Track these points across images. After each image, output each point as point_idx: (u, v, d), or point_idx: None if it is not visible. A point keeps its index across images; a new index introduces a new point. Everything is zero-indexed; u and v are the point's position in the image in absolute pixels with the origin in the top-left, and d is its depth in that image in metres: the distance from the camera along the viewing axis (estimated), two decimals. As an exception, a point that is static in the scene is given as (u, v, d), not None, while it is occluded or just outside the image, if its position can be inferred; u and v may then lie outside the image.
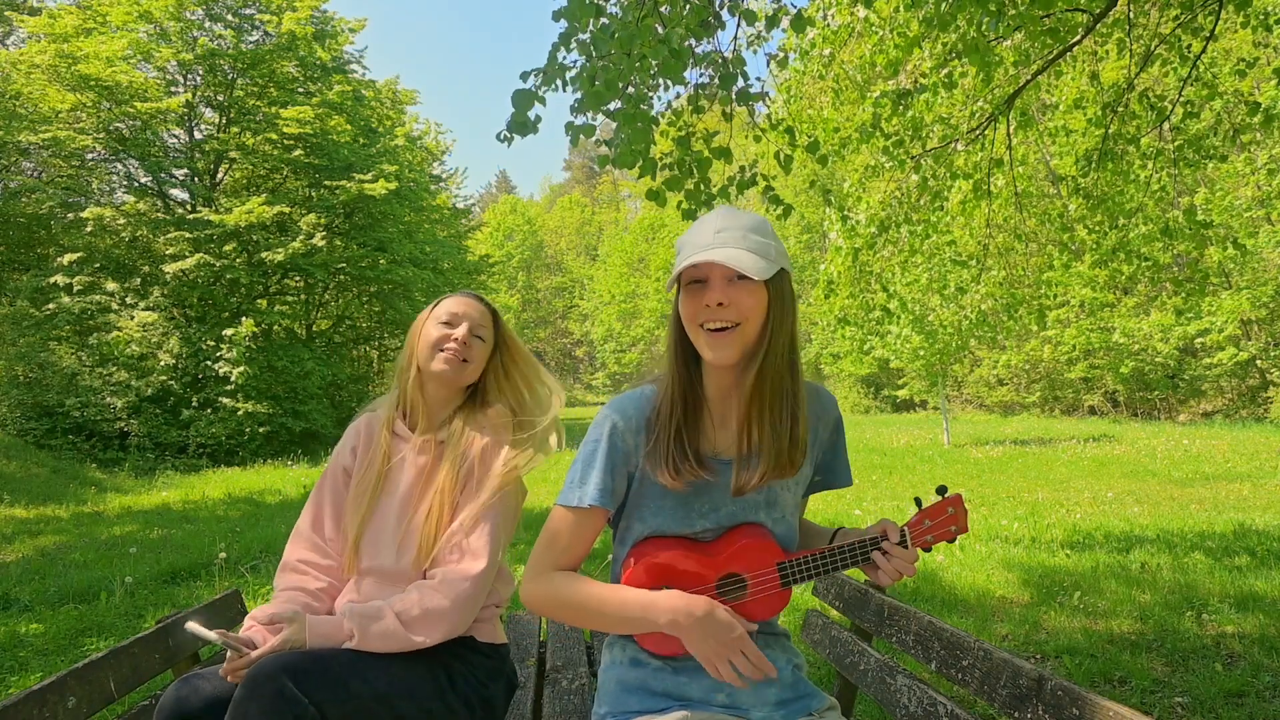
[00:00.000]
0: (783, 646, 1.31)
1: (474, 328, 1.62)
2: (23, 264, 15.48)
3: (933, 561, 4.85)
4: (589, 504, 1.21)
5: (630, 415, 1.24)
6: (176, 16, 14.94)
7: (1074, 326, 19.79)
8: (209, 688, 1.31)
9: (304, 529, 1.63)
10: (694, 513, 1.23)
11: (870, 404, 30.20)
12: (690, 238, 1.21)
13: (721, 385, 1.25)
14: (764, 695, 1.23)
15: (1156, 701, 2.70)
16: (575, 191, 62.24)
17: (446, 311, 1.63)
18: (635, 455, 1.24)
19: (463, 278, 20.35)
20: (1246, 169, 13.26)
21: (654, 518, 1.24)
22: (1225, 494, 7.71)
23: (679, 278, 1.21)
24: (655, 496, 1.24)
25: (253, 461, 13.46)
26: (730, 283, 1.16)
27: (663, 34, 2.74)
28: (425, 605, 1.43)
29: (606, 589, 1.21)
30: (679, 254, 1.22)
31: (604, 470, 1.22)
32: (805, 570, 1.22)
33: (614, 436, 1.23)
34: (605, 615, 1.20)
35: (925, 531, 1.22)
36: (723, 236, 1.17)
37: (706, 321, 1.16)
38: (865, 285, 6.05)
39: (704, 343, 1.18)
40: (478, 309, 1.66)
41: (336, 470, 1.66)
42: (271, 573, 4.91)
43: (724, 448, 1.25)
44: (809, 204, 29.50)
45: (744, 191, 3.55)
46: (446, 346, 1.58)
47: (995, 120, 5.36)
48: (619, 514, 1.30)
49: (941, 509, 1.23)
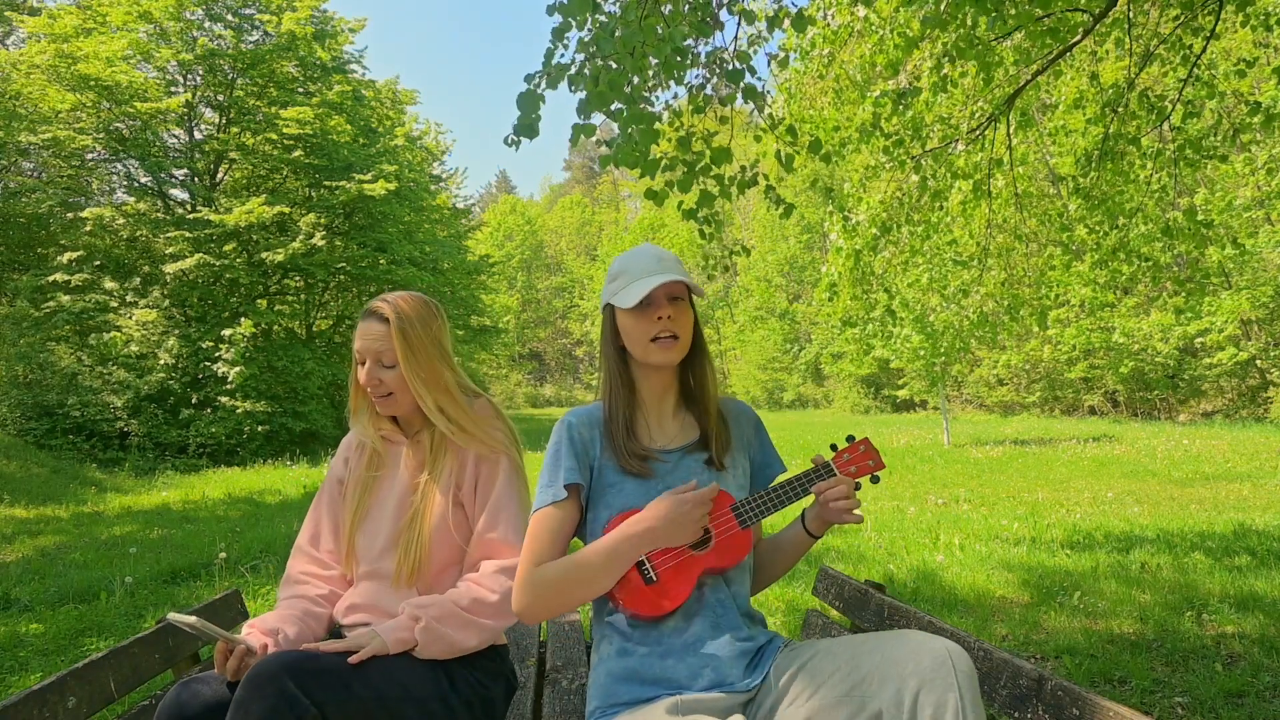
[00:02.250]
0: (761, 629, 1.39)
1: (376, 360, 1.56)
2: (22, 264, 15.48)
3: (933, 561, 4.86)
4: (563, 486, 1.35)
5: (582, 414, 1.44)
6: (176, 17, 14.93)
7: (1074, 326, 19.78)
8: (208, 691, 1.31)
9: (303, 544, 1.65)
10: (653, 493, 1.35)
11: (870, 404, 30.20)
12: (633, 265, 1.41)
13: (656, 389, 1.45)
14: (739, 666, 1.30)
15: (1156, 701, 2.70)
16: (575, 191, 62.23)
17: (355, 346, 1.59)
18: (592, 447, 1.40)
19: (462, 278, 20.36)
20: (1246, 169, 13.25)
21: (618, 500, 1.36)
22: (1225, 494, 7.71)
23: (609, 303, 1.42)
24: (615, 484, 1.37)
25: (253, 461, 13.46)
26: (671, 302, 1.38)
27: (663, 33, 2.74)
28: (474, 595, 1.46)
29: (579, 553, 1.32)
30: (621, 277, 1.41)
31: (569, 456, 1.38)
32: (757, 507, 1.36)
33: (571, 431, 1.40)
34: (589, 570, 1.28)
35: (847, 463, 1.41)
36: (665, 264, 1.40)
37: (660, 333, 1.37)
38: (867, 286, 6.05)
39: (652, 349, 1.38)
40: (374, 331, 1.55)
41: (332, 483, 1.68)
42: (272, 573, 4.92)
43: (664, 441, 1.43)
44: (809, 204, 29.52)
45: (744, 191, 3.55)
46: (368, 391, 1.59)
47: (995, 120, 5.35)
48: (584, 515, 1.41)
49: (855, 448, 1.43)
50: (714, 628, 1.30)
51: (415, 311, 1.58)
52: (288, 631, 1.46)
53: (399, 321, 1.55)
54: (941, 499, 7.83)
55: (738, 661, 1.29)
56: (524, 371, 48.96)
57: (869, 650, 1.14)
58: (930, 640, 1.08)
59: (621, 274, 1.42)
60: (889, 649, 1.11)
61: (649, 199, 3.36)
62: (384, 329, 1.55)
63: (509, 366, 45.07)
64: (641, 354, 1.40)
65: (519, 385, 46.08)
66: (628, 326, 1.40)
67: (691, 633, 1.30)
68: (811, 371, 34.10)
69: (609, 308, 1.44)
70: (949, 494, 8.19)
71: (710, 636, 1.30)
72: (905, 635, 1.13)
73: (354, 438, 1.70)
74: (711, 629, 1.30)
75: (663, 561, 1.31)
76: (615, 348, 1.44)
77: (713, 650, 1.28)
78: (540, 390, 48.40)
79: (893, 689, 1.06)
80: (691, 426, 1.46)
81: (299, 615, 1.52)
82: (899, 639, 1.12)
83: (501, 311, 36.48)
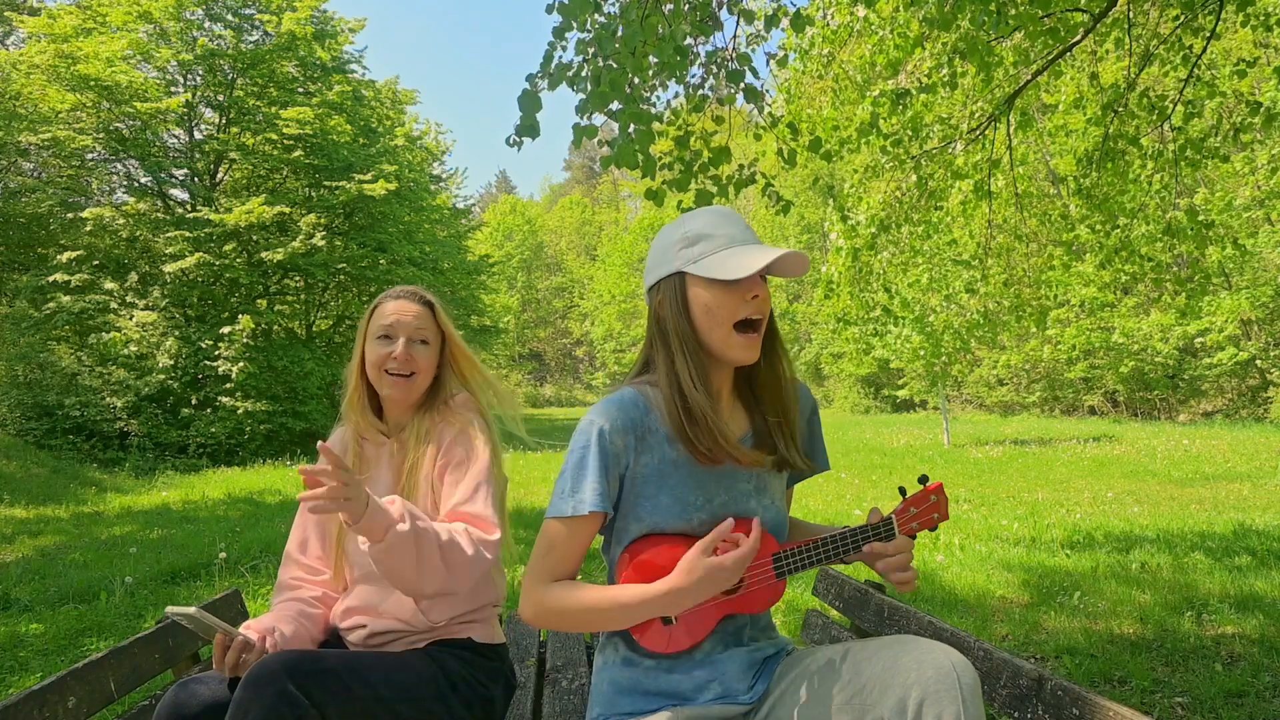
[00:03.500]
0: (770, 638, 1.34)
1: (412, 336, 1.57)
2: (23, 264, 15.48)
3: (933, 561, 4.85)
4: (587, 511, 1.19)
5: (615, 417, 1.22)
6: (176, 17, 14.92)
7: (1074, 326, 19.78)
8: (207, 692, 1.31)
9: (292, 551, 1.64)
10: (690, 506, 1.23)
11: (870, 404, 30.20)
12: (719, 228, 1.21)
13: (718, 371, 1.26)
14: (746, 679, 1.25)
15: (1156, 701, 2.70)
16: (575, 192, 62.22)
17: (381, 325, 1.57)
18: (625, 456, 1.22)
19: (462, 278, 20.34)
20: (1246, 169, 13.25)
21: (650, 515, 1.23)
22: (1225, 494, 7.71)
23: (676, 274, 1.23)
24: (650, 495, 1.23)
25: (253, 461, 13.45)
26: (761, 280, 1.19)
27: (663, 33, 2.74)
28: (456, 539, 1.38)
29: (603, 591, 1.21)
30: (704, 241, 1.21)
31: (597, 474, 1.20)
32: (799, 561, 1.23)
33: (602, 440, 1.20)
34: (606, 616, 1.19)
35: (911, 519, 1.25)
36: (755, 236, 1.22)
37: (751, 315, 1.18)
38: (866, 285, 6.05)
39: (735, 342, 1.19)
40: (412, 310, 1.59)
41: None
42: (271, 573, 4.92)
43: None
44: (809, 204, 29.52)
45: (741, 190, 3.55)
46: (389, 367, 1.55)
47: (995, 120, 5.35)
48: (613, 516, 1.29)
49: (924, 496, 1.26)
50: (724, 645, 1.26)
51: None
52: (284, 630, 1.45)
53: (440, 304, 1.62)
54: (941, 499, 7.82)
55: (745, 674, 1.25)
56: (524, 371, 48.93)
57: (870, 657, 1.11)
58: (935, 650, 1.06)
59: (704, 238, 1.21)
60: (892, 657, 1.08)
61: (648, 199, 3.36)
62: (423, 310, 1.60)
63: (509, 366, 45.05)
64: (721, 343, 1.19)
65: (519, 385, 46.05)
66: (712, 303, 1.19)
67: (701, 649, 1.25)
68: (812, 371, 34.10)
69: (678, 277, 1.23)
70: (949, 494, 8.15)
71: (720, 651, 1.26)
72: (909, 643, 1.09)
73: (338, 441, 1.68)
74: (722, 645, 1.26)
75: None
76: (687, 322, 1.21)
77: (721, 664, 1.25)
78: (540, 390, 48.40)
79: (894, 699, 1.03)
80: (741, 415, 1.30)
81: (294, 615, 1.52)
82: (902, 646, 1.09)
83: (501, 311, 36.46)
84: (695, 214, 1.26)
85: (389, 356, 1.55)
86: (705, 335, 1.21)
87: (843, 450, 13.93)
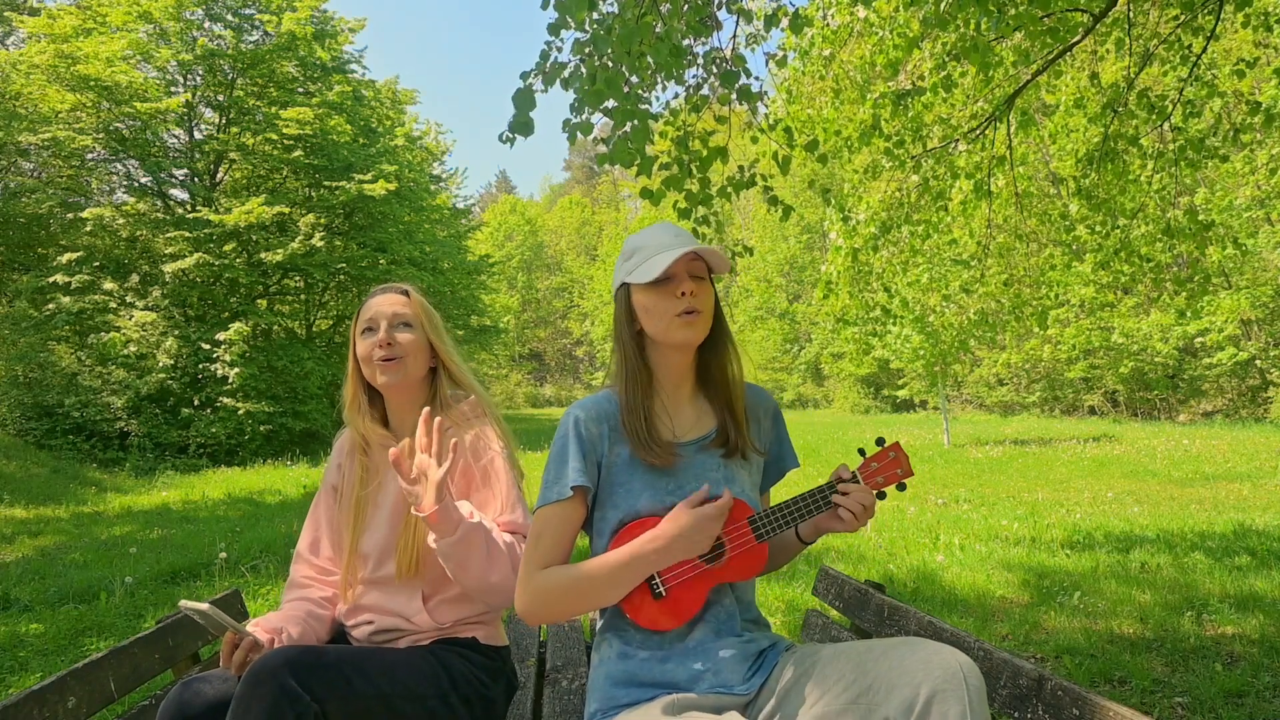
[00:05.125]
0: (763, 631, 1.37)
1: (394, 320, 1.60)
2: (23, 264, 15.47)
3: (932, 561, 4.85)
4: (571, 487, 1.28)
5: (589, 407, 1.35)
6: (176, 17, 14.92)
7: (1074, 326, 19.78)
8: (211, 691, 1.31)
9: (303, 551, 1.66)
10: (662, 490, 1.30)
11: (870, 404, 30.20)
12: (650, 241, 1.35)
13: (673, 374, 1.37)
14: (740, 670, 1.28)
15: (1156, 701, 2.70)
16: (575, 191, 62.22)
17: (365, 320, 1.62)
18: (600, 444, 1.32)
19: (462, 278, 20.35)
20: (1246, 169, 13.25)
21: (625, 501, 1.30)
22: (1225, 494, 7.71)
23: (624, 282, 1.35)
24: (624, 481, 1.31)
25: (253, 461, 13.46)
26: (693, 279, 1.31)
27: (661, 32, 2.74)
28: (507, 541, 1.44)
29: (590, 562, 1.27)
30: (638, 254, 1.34)
31: (578, 457, 1.30)
32: (774, 521, 1.29)
33: (579, 427, 1.32)
34: (597, 582, 1.25)
35: (875, 473, 1.33)
36: (683, 238, 1.33)
37: (685, 309, 1.29)
38: (865, 285, 6.05)
39: (676, 324, 1.30)
40: (390, 299, 1.63)
41: (327, 490, 1.68)
42: (272, 573, 4.92)
43: (681, 432, 1.36)
44: (809, 204, 29.51)
45: (740, 192, 3.55)
46: (375, 356, 1.57)
47: (995, 120, 5.35)
48: (592, 510, 1.36)
49: (884, 455, 1.34)
50: (716, 633, 1.29)
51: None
52: (291, 631, 1.46)
53: (418, 293, 1.66)
54: (941, 499, 7.83)
55: (739, 666, 1.27)
56: (524, 371, 48.95)
57: (877, 657, 1.12)
58: (942, 651, 1.06)
59: (638, 250, 1.35)
60: (899, 658, 1.08)
61: (644, 198, 3.36)
62: (399, 297, 1.64)
63: (509, 366, 45.06)
64: (663, 332, 1.31)
65: (519, 385, 46.07)
66: (647, 305, 1.31)
67: (693, 637, 1.28)
68: (811, 371, 34.12)
69: (624, 289, 1.36)
70: (949, 494, 8.18)
71: (712, 641, 1.28)
72: (916, 644, 1.10)
73: (346, 442, 1.69)
74: (714, 634, 1.29)
75: (672, 576, 1.27)
76: (632, 331, 1.35)
77: (714, 654, 1.27)
78: (540, 390, 48.40)
79: (901, 698, 1.04)
80: (708, 415, 1.39)
81: (302, 616, 1.53)
82: (909, 647, 1.10)
83: (501, 311, 36.44)
84: (639, 232, 1.40)
85: (374, 345, 1.58)
86: (651, 330, 1.33)
87: (843, 450, 13.93)
